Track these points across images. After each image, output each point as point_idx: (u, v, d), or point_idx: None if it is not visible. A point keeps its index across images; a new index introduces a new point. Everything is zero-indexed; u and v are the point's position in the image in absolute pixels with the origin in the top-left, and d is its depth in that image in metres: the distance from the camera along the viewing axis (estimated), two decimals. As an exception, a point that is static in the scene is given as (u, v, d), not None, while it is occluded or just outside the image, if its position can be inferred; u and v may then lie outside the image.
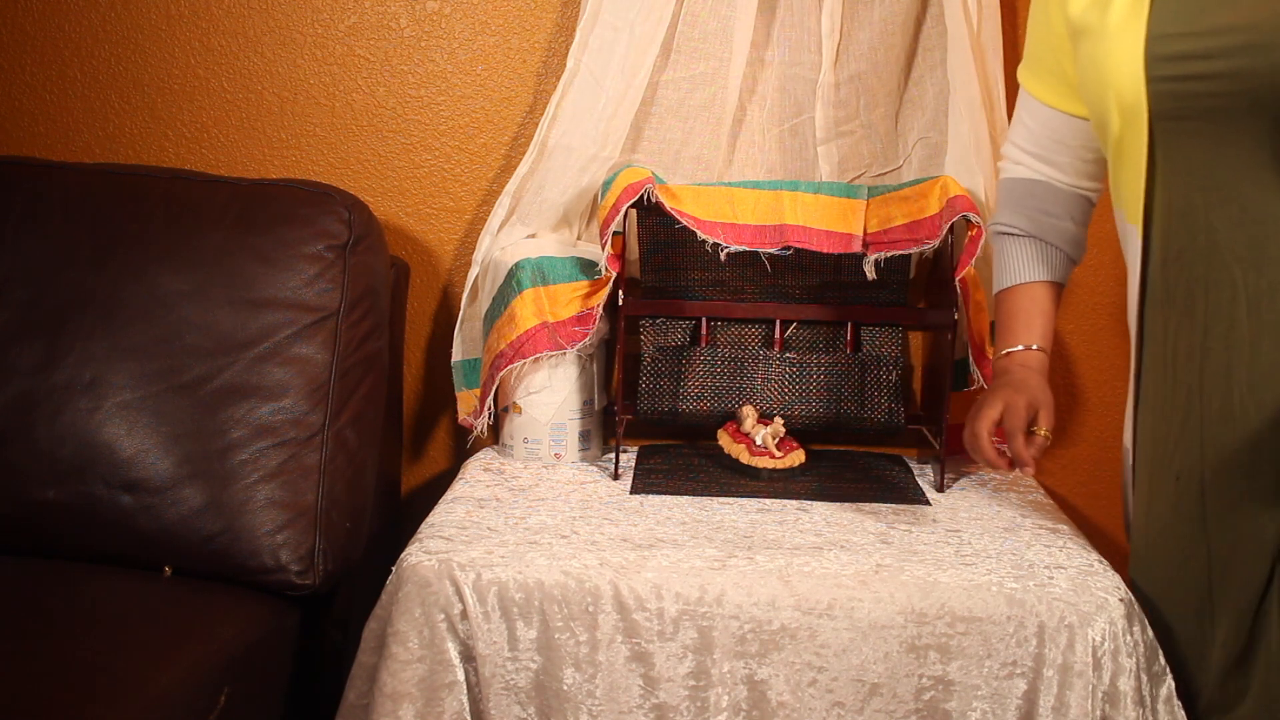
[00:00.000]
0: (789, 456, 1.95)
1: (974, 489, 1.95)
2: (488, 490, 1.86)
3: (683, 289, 2.06)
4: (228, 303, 1.79)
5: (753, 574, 1.55)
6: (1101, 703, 1.51)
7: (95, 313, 1.78)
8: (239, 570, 1.70)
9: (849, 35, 2.04)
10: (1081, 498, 2.24)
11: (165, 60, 2.16)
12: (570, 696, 1.54)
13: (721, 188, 1.95)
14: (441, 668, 1.55)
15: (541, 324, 1.95)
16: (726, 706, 1.53)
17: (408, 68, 2.15)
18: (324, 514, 1.74)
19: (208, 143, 2.18)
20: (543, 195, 2.05)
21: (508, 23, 2.14)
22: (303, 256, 1.82)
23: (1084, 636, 1.51)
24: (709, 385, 2.04)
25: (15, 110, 2.19)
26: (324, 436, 1.77)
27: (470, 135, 2.17)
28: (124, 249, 1.82)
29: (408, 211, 2.19)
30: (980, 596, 1.53)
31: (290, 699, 1.71)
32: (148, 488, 1.71)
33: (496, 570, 1.56)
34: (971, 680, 1.52)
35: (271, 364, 1.77)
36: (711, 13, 2.04)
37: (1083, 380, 2.21)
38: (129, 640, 1.52)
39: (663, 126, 2.08)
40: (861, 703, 1.53)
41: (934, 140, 2.09)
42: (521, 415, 2.00)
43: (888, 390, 2.03)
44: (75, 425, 1.73)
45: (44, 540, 1.74)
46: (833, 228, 1.91)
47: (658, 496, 1.85)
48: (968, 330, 1.96)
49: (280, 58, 2.16)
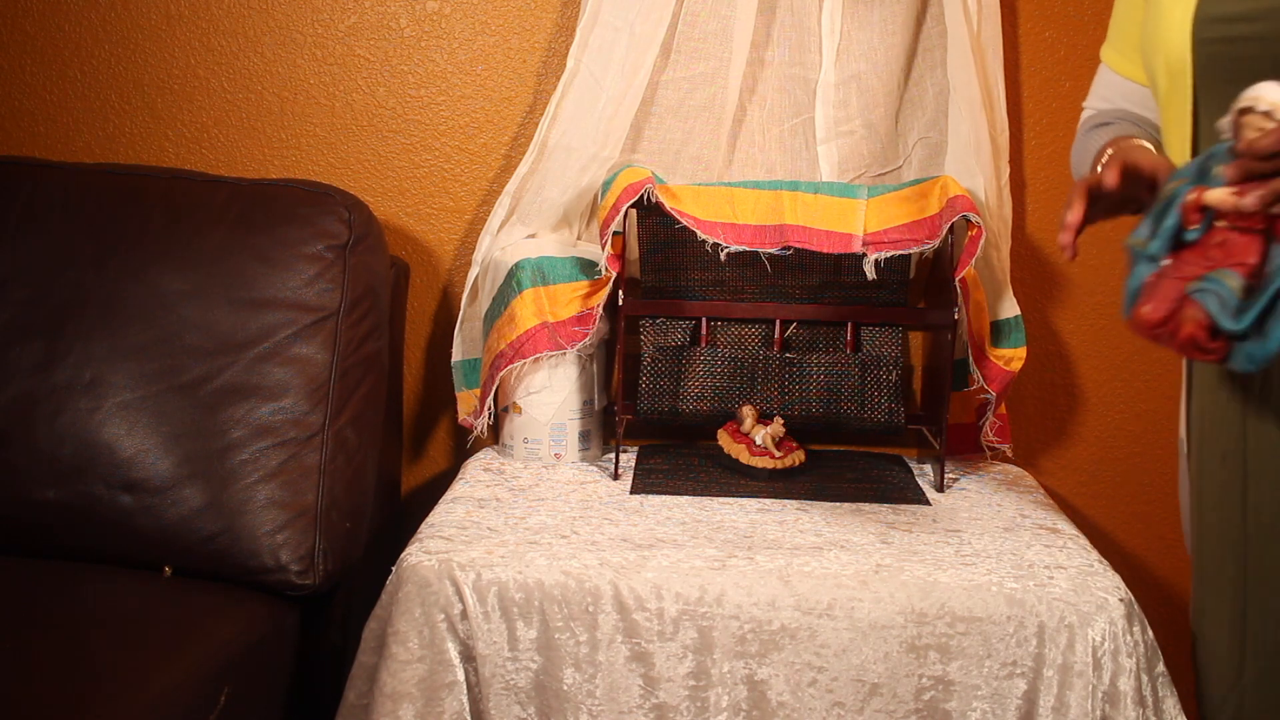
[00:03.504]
0: (789, 456, 1.95)
1: (974, 489, 1.95)
2: (488, 490, 1.86)
3: (683, 289, 2.06)
4: (228, 303, 1.79)
5: (753, 574, 1.55)
6: (1101, 703, 1.51)
7: (95, 313, 1.78)
8: (239, 570, 1.70)
9: (849, 35, 2.04)
10: (1081, 498, 2.24)
11: (165, 60, 2.16)
12: (570, 696, 1.54)
13: (721, 188, 1.95)
14: (441, 668, 1.55)
15: (541, 324, 1.95)
16: (726, 706, 1.53)
17: (408, 68, 2.15)
18: (324, 514, 1.74)
19: (208, 143, 2.18)
20: (543, 195, 2.05)
21: (508, 23, 2.14)
22: (303, 256, 1.82)
23: (1084, 636, 1.51)
24: (709, 385, 2.04)
25: (15, 110, 2.19)
26: (324, 436, 1.77)
27: (470, 135, 2.17)
28: (124, 249, 1.82)
29: (408, 211, 2.19)
30: (980, 596, 1.53)
31: (290, 699, 1.71)
32: (148, 488, 1.71)
33: (496, 570, 1.56)
34: (971, 680, 1.52)
35: (271, 364, 1.77)
36: (711, 13, 2.04)
37: (1083, 380, 2.21)
38: (129, 640, 1.52)
39: (663, 126, 2.08)
40: (861, 703, 1.53)
41: (934, 140, 2.09)
42: (521, 415, 2.00)
43: (888, 390, 2.03)
44: (75, 425, 1.73)
45: (44, 540, 1.74)
46: (833, 228, 1.91)
47: (658, 496, 1.85)
48: (968, 330, 1.96)
49: (280, 58, 2.16)
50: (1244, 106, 1.15)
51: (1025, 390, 2.20)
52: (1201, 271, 1.18)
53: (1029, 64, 2.12)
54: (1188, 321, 1.18)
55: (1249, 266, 1.16)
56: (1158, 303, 1.20)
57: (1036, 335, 2.17)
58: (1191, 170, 1.21)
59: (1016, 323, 2.03)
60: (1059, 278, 2.19)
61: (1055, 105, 2.13)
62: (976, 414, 2.06)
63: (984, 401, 2.02)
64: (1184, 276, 1.20)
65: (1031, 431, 2.22)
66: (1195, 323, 1.17)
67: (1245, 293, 1.15)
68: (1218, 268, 1.17)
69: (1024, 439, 2.21)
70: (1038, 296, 2.18)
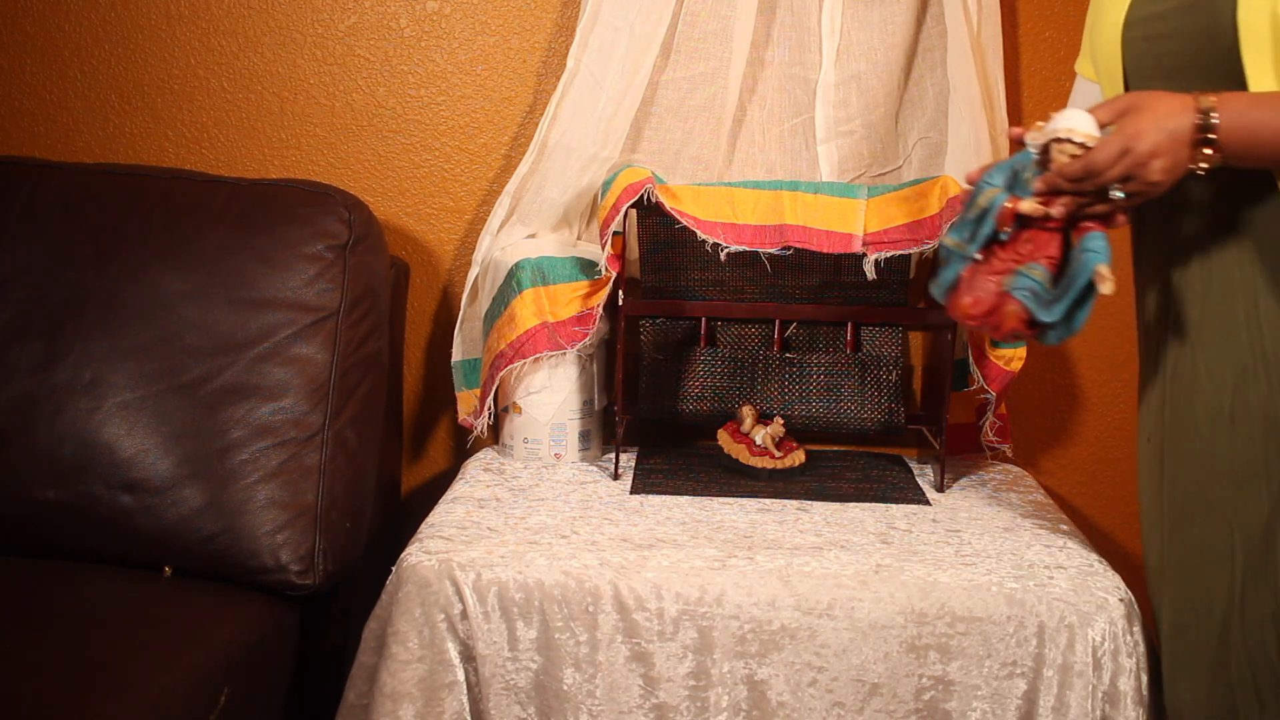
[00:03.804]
0: (789, 456, 1.95)
1: (974, 489, 1.95)
2: (488, 490, 1.86)
3: (683, 289, 2.06)
4: (227, 303, 1.79)
5: (753, 574, 1.55)
6: (1101, 703, 1.51)
7: (95, 313, 1.78)
8: (239, 570, 1.70)
9: (849, 35, 2.04)
10: (1081, 498, 2.24)
11: (165, 60, 2.16)
12: (570, 696, 1.54)
13: (721, 188, 1.95)
14: (441, 668, 1.55)
15: (541, 324, 1.95)
16: (726, 706, 1.53)
17: (408, 68, 2.15)
18: (324, 514, 1.74)
19: (208, 143, 2.18)
20: (543, 195, 2.05)
21: (508, 23, 2.14)
22: (303, 256, 1.82)
23: (1084, 636, 1.51)
24: (709, 385, 2.04)
25: (15, 110, 2.19)
26: (324, 436, 1.77)
27: (470, 135, 2.17)
28: (124, 249, 1.82)
29: (408, 211, 2.19)
30: (980, 596, 1.53)
31: (290, 699, 1.71)
32: (148, 488, 1.71)
33: (496, 570, 1.56)
34: (971, 680, 1.52)
35: (271, 364, 1.77)
36: (711, 13, 2.04)
37: (1083, 380, 2.21)
38: (129, 640, 1.52)
39: (663, 126, 2.08)
40: (861, 703, 1.53)
41: (934, 140, 2.09)
42: (521, 415, 2.00)
43: (888, 390, 2.03)
44: (75, 425, 1.73)
45: (44, 540, 1.74)
46: (833, 228, 1.91)
47: (658, 496, 1.85)
48: (968, 330, 1.96)
49: (280, 58, 2.16)
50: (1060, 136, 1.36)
51: (1025, 390, 2.20)
52: (1013, 265, 1.41)
53: (1029, 64, 2.13)
54: (1010, 317, 1.41)
55: (1052, 259, 1.40)
56: (978, 296, 1.43)
57: (1036, 335, 2.17)
58: (1002, 180, 1.42)
59: (1017, 323, 2.03)
60: (1059, 278, 2.19)
61: (1055, 105, 2.10)
62: (976, 414, 2.06)
63: (984, 401, 2.02)
64: (997, 271, 1.42)
65: (1031, 431, 2.22)
66: (1016, 317, 1.41)
67: (1052, 282, 1.40)
68: (1026, 261, 1.41)
69: (1024, 439, 2.21)
70: (1038, 296, 2.18)
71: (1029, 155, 1.41)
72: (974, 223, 1.43)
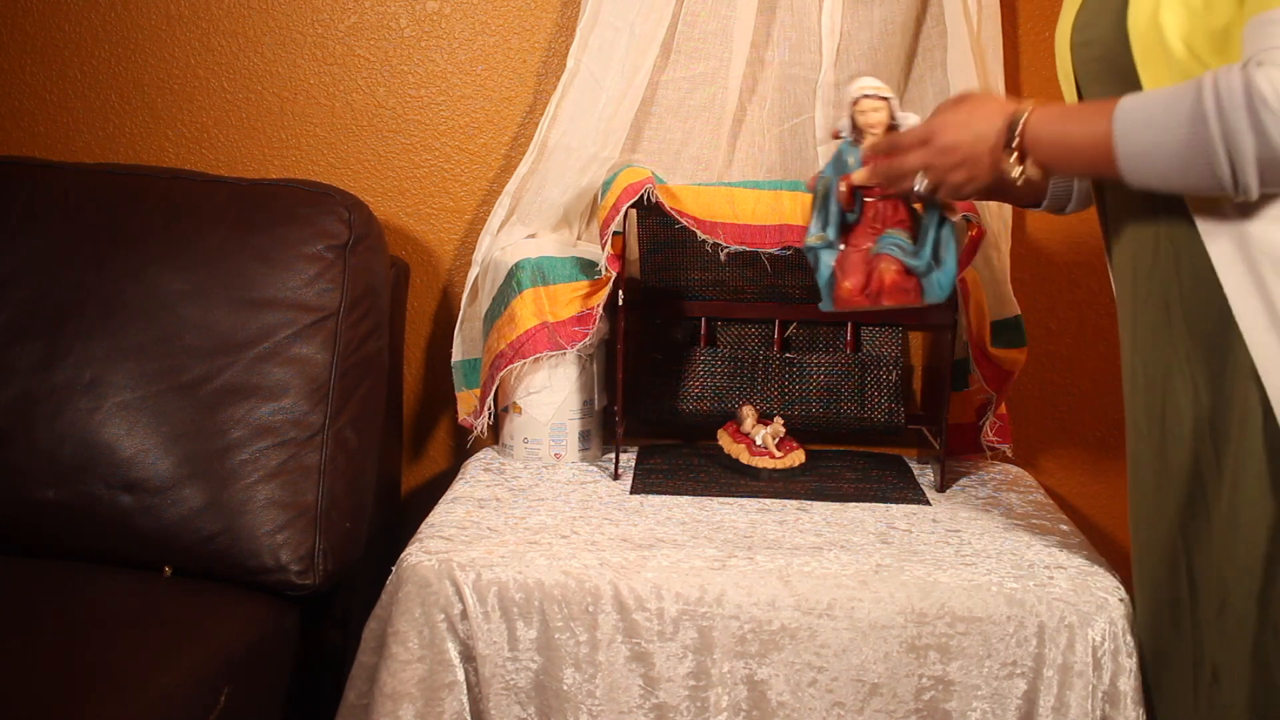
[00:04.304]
0: (789, 456, 1.95)
1: (974, 489, 1.95)
2: (488, 490, 1.86)
3: (683, 289, 2.06)
4: (227, 303, 1.79)
5: (753, 574, 1.55)
6: (1101, 703, 1.51)
7: (95, 313, 1.78)
8: (239, 570, 1.70)
9: (849, 35, 2.04)
10: (1081, 498, 2.24)
11: (165, 60, 2.16)
12: (570, 696, 1.54)
13: (721, 188, 1.95)
14: (441, 668, 1.55)
15: (541, 324, 1.95)
16: (726, 706, 1.53)
17: (408, 68, 2.15)
18: (324, 514, 1.74)
19: (208, 143, 2.18)
20: (543, 195, 2.05)
21: (508, 23, 2.14)
22: (303, 256, 1.82)
23: (1084, 636, 1.51)
24: (709, 385, 2.04)
25: (15, 110, 2.19)
26: (324, 436, 1.77)
27: (470, 135, 2.17)
28: (124, 249, 1.82)
29: (408, 211, 2.19)
30: (980, 596, 1.53)
31: (290, 699, 1.71)
32: (148, 488, 1.71)
33: (496, 570, 1.56)
34: (971, 680, 1.52)
35: (271, 364, 1.77)
36: (711, 13, 2.04)
37: (1083, 380, 2.21)
38: (129, 640, 1.52)
39: (663, 126, 2.08)
40: (861, 703, 1.53)
41: (934, 140, 2.09)
42: (521, 415, 2.00)
43: (888, 390, 2.03)
44: (75, 425, 1.73)
45: (44, 540, 1.74)
46: (833, 228, 1.91)
47: (658, 496, 1.85)
48: (968, 330, 1.96)
49: (280, 58, 2.16)
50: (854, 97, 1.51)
51: (1025, 390, 2.20)
52: (874, 238, 1.52)
53: (1029, 64, 2.12)
54: (885, 272, 1.50)
55: (904, 222, 1.52)
56: (852, 274, 1.52)
57: (1036, 335, 2.17)
58: (831, 170, 1.54)
59: (1016, 323, 2.03)
60: (1059, 278, 2.19)
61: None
62: (976, 414, 2.06)
63: (984, 401, 2.02)
64: (861, 248, 1.53)
65: (1031, 431, 2.22)
66: (890, 271, 1.49)
67: (911, 238, 1.51)
68: (883, 231, 1.51)
69: (1024, 439, 2.21)
70: (1038, 296, 2.18)
71: (846, 142, 1.53)
72: (821, 212, 1.54)
